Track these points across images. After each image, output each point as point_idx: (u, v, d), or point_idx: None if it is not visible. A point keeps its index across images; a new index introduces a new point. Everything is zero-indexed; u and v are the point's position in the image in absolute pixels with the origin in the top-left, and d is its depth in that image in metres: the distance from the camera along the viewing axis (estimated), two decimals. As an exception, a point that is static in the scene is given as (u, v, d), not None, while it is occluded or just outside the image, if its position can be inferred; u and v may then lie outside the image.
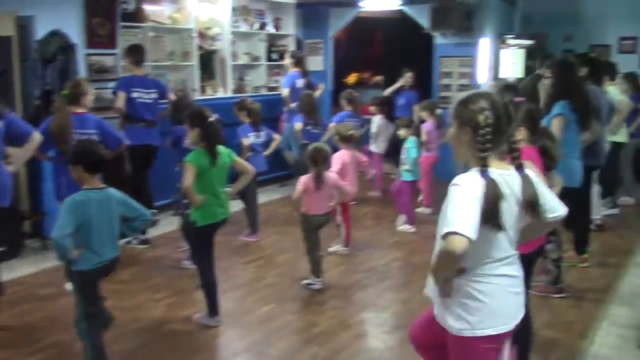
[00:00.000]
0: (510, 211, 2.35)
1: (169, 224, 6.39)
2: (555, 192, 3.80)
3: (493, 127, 2.31)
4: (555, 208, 2.53)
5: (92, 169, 3.50)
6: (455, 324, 2.39)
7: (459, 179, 2.30)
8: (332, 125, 7.13)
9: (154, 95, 6.35)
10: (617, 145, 6.89)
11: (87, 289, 3.57)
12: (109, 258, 3.54)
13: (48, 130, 4.85)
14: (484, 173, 2.29)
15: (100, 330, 3.67)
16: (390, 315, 4.67)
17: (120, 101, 6.18)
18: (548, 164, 3.77)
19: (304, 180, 5.06)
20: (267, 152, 6.63)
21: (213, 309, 4.45)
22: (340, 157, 5.84)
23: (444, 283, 2.39)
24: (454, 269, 2.34)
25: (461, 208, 2.22)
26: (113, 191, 3.56)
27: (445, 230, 2.20)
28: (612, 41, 9.62)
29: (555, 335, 4.26)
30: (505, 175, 2.35)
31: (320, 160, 5.08)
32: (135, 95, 6.22)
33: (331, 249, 5.92)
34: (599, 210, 6.80)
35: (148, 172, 6.39)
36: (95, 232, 3.43)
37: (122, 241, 5.23)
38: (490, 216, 2.26)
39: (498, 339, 2.42)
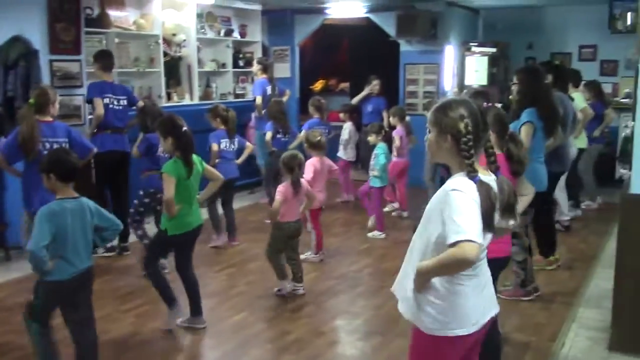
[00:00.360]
0: (497, 212, 2.39)
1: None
2: (526, 201, 3.86)
3: (473, 134, 2.33)
4: None
5: (65, 178, 3.43)
6: (429, 324, 2.39)
7: (456, 184, 2.30)
8: (302, 133, 7.13)
9: (123, 102, 6.23)
10: (578, 151, 7.04)
11: (52, 300, 3.49)
12: (84, 267, 3.47)
13: (16, 141, 4.76)
14: (475, 178, 2.31)
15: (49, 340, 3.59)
16: (363, 321, 4.66)
17: (100, 108, 6.05)
18: (516, 168, 3.79)
19: (282, 189, 5.02)
20: (239, 161, 6.57)
21: (196, 309, 4.45)
22: (312, 165, 5.84)
23: (426, 282, 2.39)
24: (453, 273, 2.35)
25: (467, 214, 2.23)
26: (86, 200, 3.50)
27: (457, 237, 2.20)
28: (572, 49, 9.84)
29: (526, 339, 4.31)
30: (489, 180, 2.38)
31: (296, 167, 5.07)
32: (106, 101, 6.10)
33: (302, 257, 5.88)
34: (568, 212, 6.97)
35: (124, 182, 6.25)
36: (70, 242, 3.37)
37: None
38: (487, 219, 2.29)
39: (468, 339, 2.43)
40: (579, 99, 6.79)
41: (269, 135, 7.43)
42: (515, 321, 4.54)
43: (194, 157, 4.33)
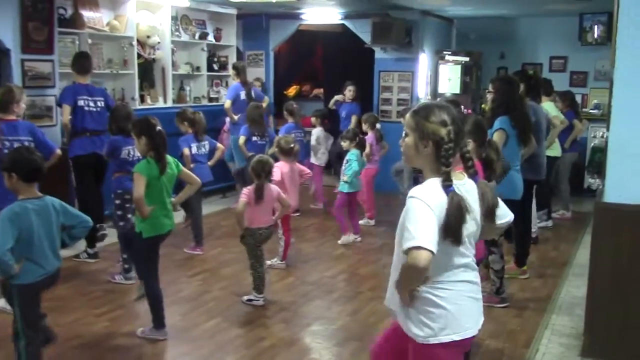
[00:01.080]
0: (471, 221, 2.36)
1: (108, 236, 6.17)
2: None
3: (455, 141, 2.32)
4: (505, 214, 2.60)
5: (28, 178, 3.33)
6: (420, 332, 2.38)
7: (417, 192, 2.29)
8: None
9: (100, 104, 6.12)
10: (551, 160, 7.12)
11: (28, 303, 3.40)
12: (53, 268, 3.39)
13: None
14: (449, 188, 2.28)
15: (39, 347, 3.50)
16: (339, 327, 4.65)
17: (66, 115, 5.94)
18: (488, 175, 3.81)
19: (246, 192, 4.98)
20: (211, 163, 6.51)
21: (159, 322, 4.32)
22: (279, 167, 5.79)
23: (404, 296, 2.39)
24: (420, 281, 2.34)
25: (421, 222, 2.21)
26: (51, 199, 3.41)
27: (407, 245, 2.19)
28: (543, 60, 10.00)
29: (500, 345, 4.35)
30: (460, 185, 2.36)
31: (264, 173, 5.02)
32: (81, 103, 5.98)
33: (268, 263, 5.79)
34: (534, 223, 7.01)
35: (99, 183, 6.14)
36: (36, 243, 3.29)
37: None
38: (453, 231, 2.26)
39: (462, 344, 2.43)
40: (551, 108, 6.89)
41: (242, 139, 7.37)
42: (489, 328, 4.55)
43: (170, 158, 4.29)
